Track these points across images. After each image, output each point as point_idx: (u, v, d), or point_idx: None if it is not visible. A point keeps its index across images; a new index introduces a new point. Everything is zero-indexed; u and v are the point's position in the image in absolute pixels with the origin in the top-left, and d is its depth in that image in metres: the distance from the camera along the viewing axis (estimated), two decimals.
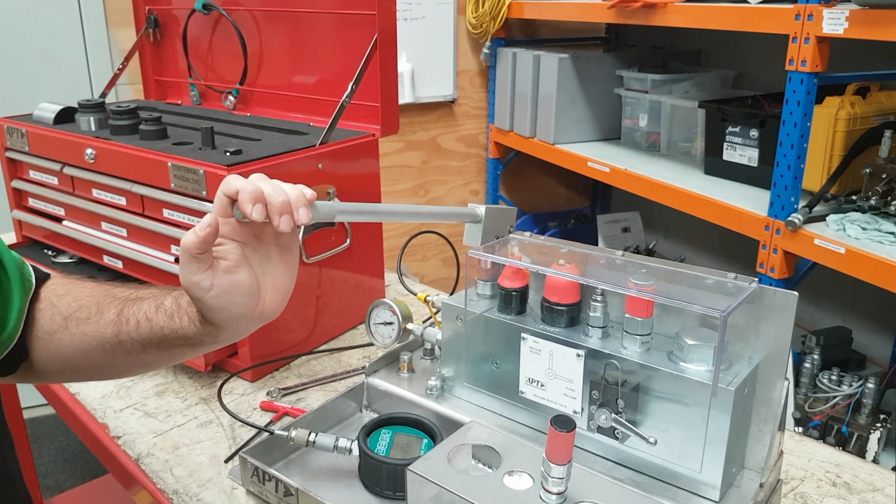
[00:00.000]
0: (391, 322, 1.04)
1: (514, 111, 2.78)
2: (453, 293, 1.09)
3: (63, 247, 1.42)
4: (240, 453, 0.90)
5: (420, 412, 0.93)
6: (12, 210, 1.49)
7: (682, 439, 0.75)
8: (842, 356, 2.03)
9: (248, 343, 1.14)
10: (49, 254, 1.46)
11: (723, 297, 0.73)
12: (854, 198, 1.73)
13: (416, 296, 1.09)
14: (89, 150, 1.23)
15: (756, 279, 0.77)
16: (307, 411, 0.97)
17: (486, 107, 3.04)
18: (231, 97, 1.56)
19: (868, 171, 1.68)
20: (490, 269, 0.91)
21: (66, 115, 1.38)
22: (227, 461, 0.97)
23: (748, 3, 1.75)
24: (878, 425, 1.74)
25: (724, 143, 2.08)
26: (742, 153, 2.03)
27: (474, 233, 0.97)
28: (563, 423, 0.67)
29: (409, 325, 1.03)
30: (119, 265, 1.29)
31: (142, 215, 1.21)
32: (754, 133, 1.98)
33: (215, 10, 1.53)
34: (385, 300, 1.05)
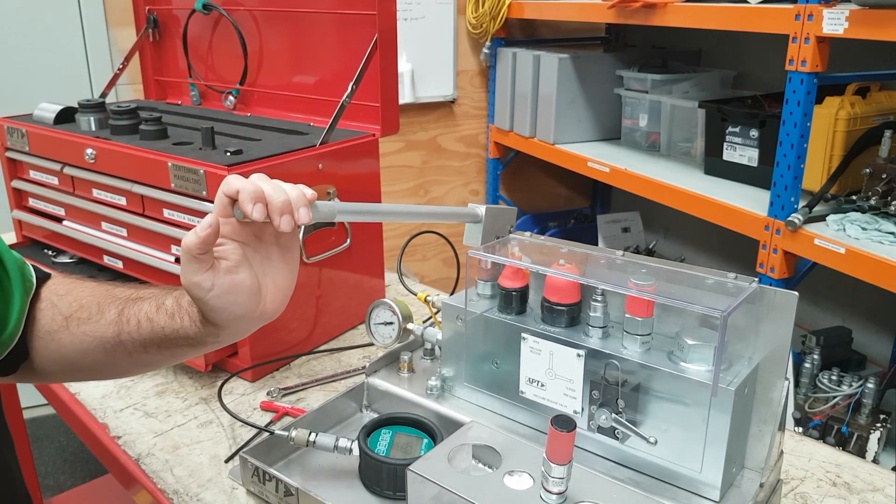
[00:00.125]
0: (391, 322, 1.04)
1: (514, 111, 2.78)
2: (453, 293, 1.09)
3: (63, 247, 1.42)
4: (240, 453, 0.90)
5: (420, 412, 0.93)
6: (12, 210, 1.49)
7: (682, 439, 0.75)
8: (842, 356, 2.03)
9: (249, 343, 1.14)
10: (49, 254, 1.46)
11: (723, 297, 0.73)
12: (854, 198, 1.73)
13: (416, 296, 1.09)
14: (89, 150, 1.23)
15: (756, 279, 0.77)
16: (307, 411, 0.97)
17: (486, 107, 3.04)
18: (231, 97, 1.56)
19: (868, 171, 1.68)
20: (490, 269, 0.91)
21: (66, 115, 1.38)
22: (227, 461, 0.97)
23: (748, 3, 1.75)
24: (878, 425, 1.74)
25: (724, 143, 2.08)
26: (742, 153, 2.03)
27: (474, 233, 0.97)
28: (564, 423, 0.67)
29: (410, 325, 1.03)
30: (119, 265, 1.29)
31: (142, 215, 1.21)
32: (754, 133, 1.98)
33: (215, 10, 1.53)
34: (385, 300, 1.05)
